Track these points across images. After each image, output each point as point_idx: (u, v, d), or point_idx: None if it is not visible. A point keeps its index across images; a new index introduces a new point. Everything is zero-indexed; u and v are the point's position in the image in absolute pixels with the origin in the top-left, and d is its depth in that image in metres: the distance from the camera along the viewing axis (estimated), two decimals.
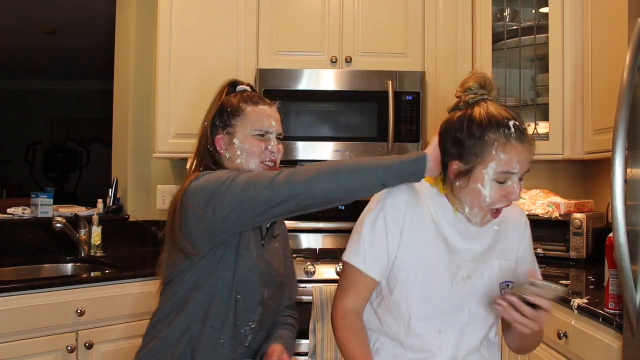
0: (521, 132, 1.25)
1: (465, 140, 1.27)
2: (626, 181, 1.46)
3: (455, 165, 1.29)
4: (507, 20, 2.82)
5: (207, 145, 1.54)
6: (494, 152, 1.24)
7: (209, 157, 1.53)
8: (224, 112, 1.54)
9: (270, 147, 1.52)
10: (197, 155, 1.57)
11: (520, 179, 1.29)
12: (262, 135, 1.52)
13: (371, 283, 1.37)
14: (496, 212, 1.31)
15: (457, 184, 1.31)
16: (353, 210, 1.40)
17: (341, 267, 1.78)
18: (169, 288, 1.47)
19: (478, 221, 1.32)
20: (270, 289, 1.51)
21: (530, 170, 1.29)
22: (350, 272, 1.37)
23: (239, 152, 1.51)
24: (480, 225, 1.34)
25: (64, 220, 2.63)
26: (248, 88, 1.63)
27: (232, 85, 1.63)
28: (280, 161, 1.57)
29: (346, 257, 1.38)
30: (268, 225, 1.56)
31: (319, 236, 2.96)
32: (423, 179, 1.34)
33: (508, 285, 1.36)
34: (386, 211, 1.34)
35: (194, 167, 1.55)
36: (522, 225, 1.45)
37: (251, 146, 1.51)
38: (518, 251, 1.43)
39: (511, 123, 1.25)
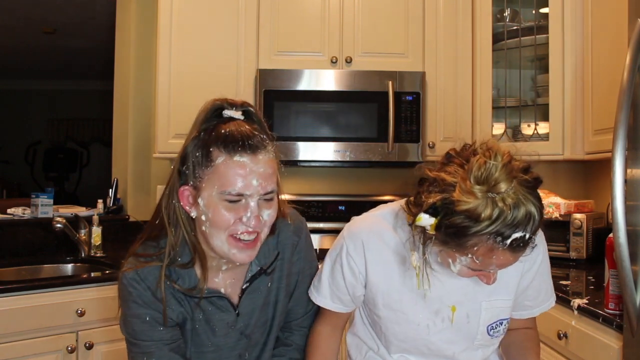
0: (518, 243, 1.02)
1: (456, 232, 1.04)
2: (626, 181, 1.46)
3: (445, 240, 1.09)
4: (507, 20, 2.82)
5: (171, 197, 1.16)
6: (473, 248, 1.04)
7: (172, 215, 1.16)
8: (191, 155, 1.12)
9: (244, 219, 1.10)
10: (156, 211, 1.20)
11: None
12: (234, 201, 1.10)
13: (343, 314, 1.37)
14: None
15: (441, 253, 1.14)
16: (354, 211, 1.39)
17: None
18: None
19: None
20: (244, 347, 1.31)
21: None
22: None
23: (203, 217, 1.12)
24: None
25: (64, 221, 2.63)
26: (238, 115, 1.15)
27: (215, 110, 1.16)
28: (267, 230, 1.17)
29: (311, 293, 1.36)
30: (245, 285, 1.26)
31: (319, 236, 2.96)
32: (401, 212, 1.20)
33: (501, 323, 1.28)
34: (346, 256, 1.28)
35: (150, 228, 1.21)
36: (529, 255, 1.22)
37: (215, 215, 1.10)
38: (519, 284, 1.27)
39: (515, 235, 1.01)
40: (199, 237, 1.19)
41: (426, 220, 1.07)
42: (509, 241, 1.01)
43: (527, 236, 1.02)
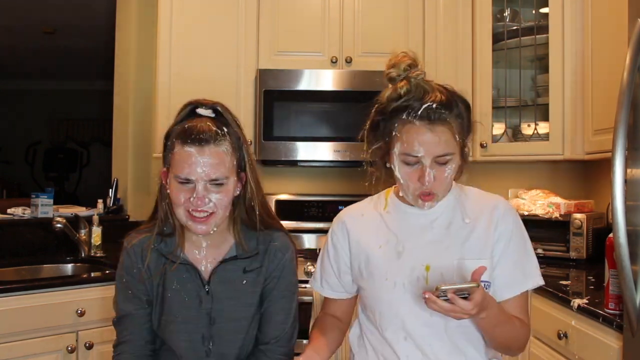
0: (427, 112, 1.21)
1: (378, 120, 1.29)
2: (626, 181, 1.46)
3: (378, 144, 1.30)
4: (507, 20, 2.82)
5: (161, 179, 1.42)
6: (394, 133, 1.24)
7: (161, 193, 1.41)
8: (165, 144, 1.39)
9: (192, 199, 1.30)
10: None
11: (445, 163, 1.23)
12: (183, 183, 1.31)
13: (337, 302, 1.47)
14: (427, 196, 1.25)
15: (388, 165, 1.30)
16: None
17: None
18: None
19: (415, 204, 1.29)
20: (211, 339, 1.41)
21: (454, 154, 1.24)
22: None
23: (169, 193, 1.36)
24: (421, 208, 1.29)
25: (64, 221, 2.63)
26: (208, 112, 1.37)
27: (190, 107, 1.40)
28: (221, 212, 1.34)
29: (310, 280, 1.51)
30: (217, 264, 1.41)
31: (318, 236, 2.96)
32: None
33: (484, 286, 1.23)
34: (331, 236, 1.44)
35: (154, 209, 1.48)
36: (493, 218, 1.31)
37: (172, 193, 1.34)
38: (493, 250, 1.29)
39: (424, 106, 1.21)
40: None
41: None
42: (419, 112, 1.20)
43: (435, 106, 1.20)
